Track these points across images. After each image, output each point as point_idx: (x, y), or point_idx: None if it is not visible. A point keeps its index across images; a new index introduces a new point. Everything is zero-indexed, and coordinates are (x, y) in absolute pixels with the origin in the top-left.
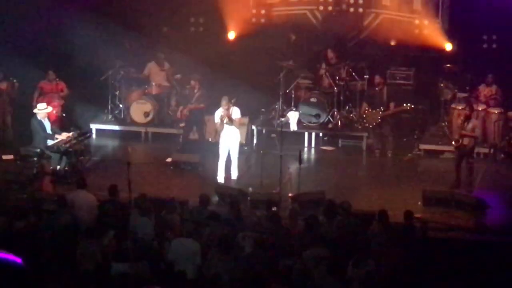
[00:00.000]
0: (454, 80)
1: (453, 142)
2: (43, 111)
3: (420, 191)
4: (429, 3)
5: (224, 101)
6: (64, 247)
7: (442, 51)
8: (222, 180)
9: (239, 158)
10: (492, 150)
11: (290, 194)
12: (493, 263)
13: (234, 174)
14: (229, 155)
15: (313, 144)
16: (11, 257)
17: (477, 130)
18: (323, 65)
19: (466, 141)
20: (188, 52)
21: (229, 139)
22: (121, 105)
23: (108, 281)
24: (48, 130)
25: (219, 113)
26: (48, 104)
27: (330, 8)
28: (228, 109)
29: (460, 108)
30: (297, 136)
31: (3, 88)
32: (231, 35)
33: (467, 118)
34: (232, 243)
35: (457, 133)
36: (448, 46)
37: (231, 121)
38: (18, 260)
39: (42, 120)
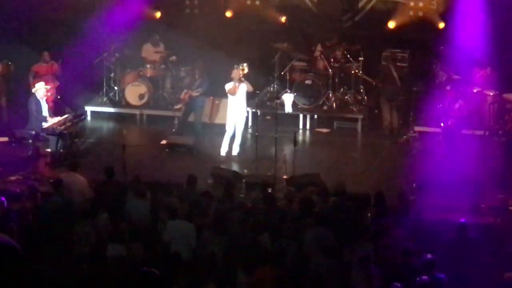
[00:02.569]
0: (449, 62)
1: (442, 124)
2: (42, 88)
3: (414, 173)
4: None
5: (236, 70)
6: (59, 229)
7: (437, 33)
8: (224, 154)
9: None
10: (487, 132)
11: (285, 176)
12: (488, 243)
13: (235, 151)
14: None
15: (308, 126)
16: (4, 239)
17: (464, 110)
18: (318, 47)
19: (452, 121)
20: (183, 34)
21: (237, 114)
22: (116, 87)
23: (103, 262)
24: (45, 112)
25: (230, 84)
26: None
27: None
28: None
29: (448, 89)
30: (292, 118)
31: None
32: (227, 16)
33: (453, 99)
34: (226, 224)
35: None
36: (441, 25)
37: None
38: (12, 242)
39: (41, 101)
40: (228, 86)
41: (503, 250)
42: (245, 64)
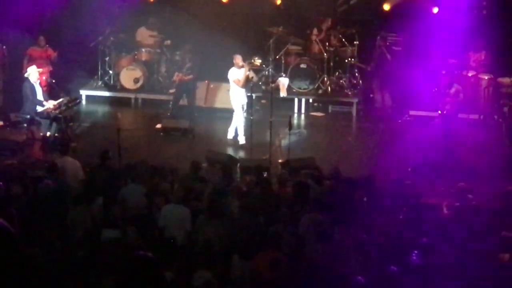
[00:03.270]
0: (443, 46)
1: (439, 112)
2: (34, 72)
3: (410, 157)
4: None
5: (239, 58)
6: (53, 213)
7: (432, 16)
8: (244, 142)
9: (227, 124)
10: (482, 116)
11: (280, 160)
12: (484, 227)
13: (231, 135)
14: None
15: (303, 110)
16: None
17: (460, 94)
18: (314, 31)
19: (449, 106)
20: (178, 18)
21: (243, 99)
22: (111, 71)
23: (98, 247)
24: (39, 96)
25: (236, 71)
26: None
27: None
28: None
29: (443, 73)
30: (287, 102)
31: None
32: (222, 1)
33: (449, 84)
34: (221, 208)
35: (441, 100)
36: (435, 10)
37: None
38: (7, 226)
39: (34, 84)
40: (235, 76)
41: (498, 233)
42: (260, 61)
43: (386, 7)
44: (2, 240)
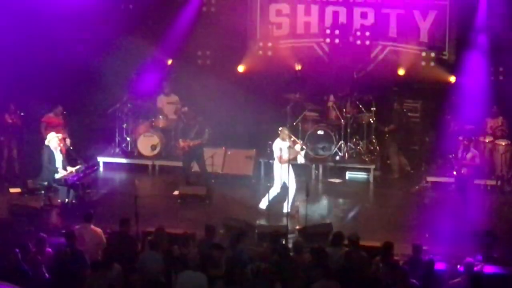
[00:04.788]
0: (460, 112)
1: (454, 172)
2: (54, 138)
3: (427, 223)
4: (436, 35)
5: (286, 131)
6: (71, 280)
7: (448, 83)
8: (264, 208)
9: (245, 190)
10: (499, 182)
11: (297, 227)
12: None
13: (294, 207)
14: (286, 189)
15: (320, 177)
16: None
17: (477, 159)
18: (331, 98)
19: (465, 170)
20: (195, 85)
21: (284, 174)
22: (128, 138)
23: None
24: (58, 163)
25: (280, 144)
26: None
27: (337, 40)
28: (293, 141)
29: (460, 139)
30: (304, 169)
31: (11, 121)
32: (240, 69)
33: (466, 148)
34: (238, 275)
35: (457, 164)
36: (452, 79)
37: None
38: None
39: (54, 152)
40: (278, 151)
41: None
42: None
43: (401, 72)
44: None
